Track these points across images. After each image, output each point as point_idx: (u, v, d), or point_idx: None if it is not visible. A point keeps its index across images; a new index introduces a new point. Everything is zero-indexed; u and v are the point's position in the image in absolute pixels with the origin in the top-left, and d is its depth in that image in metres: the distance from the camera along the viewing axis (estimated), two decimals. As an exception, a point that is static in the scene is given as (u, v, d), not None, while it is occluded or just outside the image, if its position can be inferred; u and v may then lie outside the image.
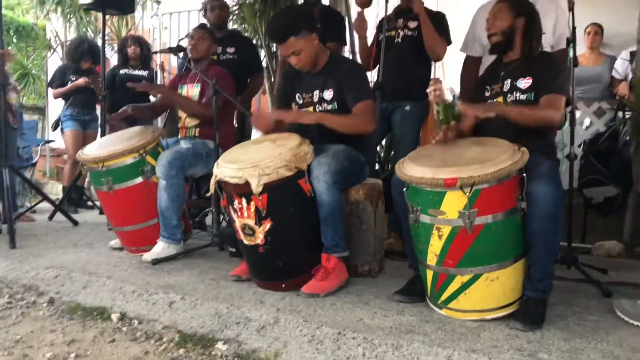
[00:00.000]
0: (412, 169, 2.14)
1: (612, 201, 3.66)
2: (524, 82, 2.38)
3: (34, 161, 5.86)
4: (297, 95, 2.87)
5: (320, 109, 2.77)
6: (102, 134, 4.37)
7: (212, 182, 2.55)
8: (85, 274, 2.84)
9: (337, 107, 2.73)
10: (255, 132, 4.47)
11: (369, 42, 3.60)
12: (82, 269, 2.92)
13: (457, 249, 2.08)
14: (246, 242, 2.53)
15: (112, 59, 6.24)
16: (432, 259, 2.16)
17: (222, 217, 3.21)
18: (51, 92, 5.41)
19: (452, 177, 1.99)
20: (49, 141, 6.64)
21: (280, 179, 2.40)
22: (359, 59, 3.80)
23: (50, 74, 5.84)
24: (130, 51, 5.03)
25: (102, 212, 4.14)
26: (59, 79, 5.24)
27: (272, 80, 4.93)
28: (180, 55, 3.64)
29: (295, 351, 2.04)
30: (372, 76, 3.45)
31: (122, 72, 5.03)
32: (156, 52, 5.18)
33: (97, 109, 5.18)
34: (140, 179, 3.15)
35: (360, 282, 2.67)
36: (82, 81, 5.06)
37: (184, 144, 3.25)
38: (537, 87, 2.36)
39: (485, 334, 2.02)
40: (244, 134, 4.15)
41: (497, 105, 2.38)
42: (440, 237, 2.09)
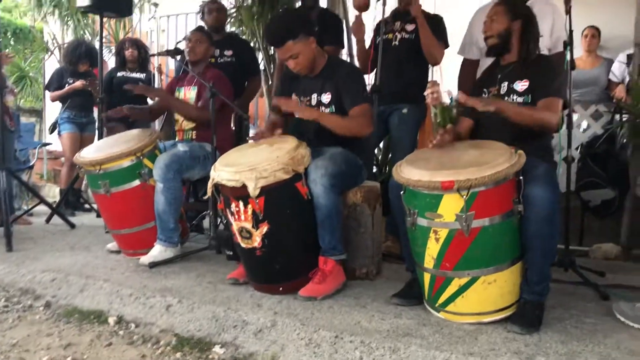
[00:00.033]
0: (410, 172, 2.14)
1: (610, 204, 3.67)
2: (521, 85, 2.39)
3: (31, 164, 5.84)
4: (295, 98, 2.86)
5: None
6: (100, 137, 4.36)
7: (210, 185, 2.55)
8: (82, 277, 2.83)
9: (335, 110, 2.73)
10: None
11: (367, 45, 3.61)
12: (79, 272, 2.91)
13: (455, 252, 2.08)
14: (243, 245, 2.53)
15: (109, 62, 6.24)
16: (429, 262, 2.16)
17: (219, 220, 3.20)
18: (48, 94, 5.40)
19: (449, 180, 1.99)
20: (46, 144, 6.63)
21: (277, 182, 2.40)
22: (356, 62, 3.80)
23: (47, 77, 5.85)
24: (127, 54, 5.03)
25: (99, 215, 4.13)
26: (57, 82, 5.23)
27: (269, 83, 4.93)
28: (177, 57, 3.64)
29: (292, 354, 2.04)
30: (370, 79, 3.45)
31: (119, 74, 5.03)
32: (154, 55, 5.18)
33: (95, 112, 5.18)
34: (137, 182, 3.14)
35: (357, 285, 2.67)
36: (79, 84, 5.06)
37: (181, 147, 3.24)
38: (534, 89, 2.36)
39: (482, 337, 2.02)
40: (241, 137, 4.14)
41: (497, 100, 2.37)
42: (437, 240, 2.09)
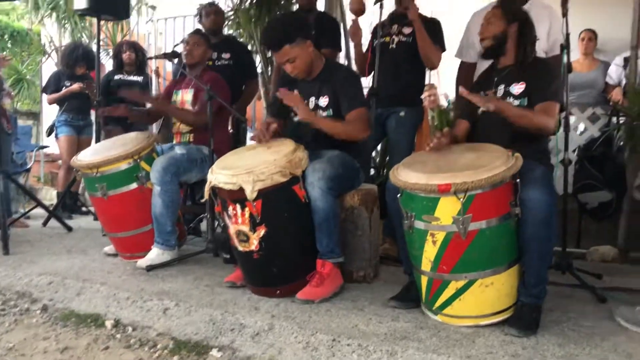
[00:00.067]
0: (406, 175, 2.14)
1: (607, 206, 3.67)
2: (517, 88, 2.39)
3: (28, 167, 5.83)
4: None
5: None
6: (97, 140, 4.36)
7: (207, 188, 2.54)
8: (79, 280, 2.83)
9: (332, 113, 2.73)
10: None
11: (364, 48, 3.61)
12: (76, 276, 2.91)
13: (452, 254, 2.08)
14: (240, 248, 2.53)
15: (107, 65, 6.23)
16: (426, 265, 2.16)
17: (216, 223, 3.20)
18: (46, 97, 5.39)
19: (445, 182, 2.00)
20: (44, 147, 6.61)
21: (274, 185, 2.40)
22: (354, 65, 3.81)
23: (44, 80, 5.84)
24: (125, 57, 5.03)
25: (96, 218, 4.12)
26: (54, 85, 5.23)
27: (267, 86, 4.93)
28: (175, 60, 3.64)
29: (289, 358, 2.04)
30: (368, 82, 3.45)
31: (117, 77, 5.02)
32: (151, 58, 5.17)
33: (92, 115, 5.17)
34: (134, 185, 3.14)
35: (355, 288, 2.67)
36: (76, 86, 5.05)
37: (179, 150, 3.24)
38: (530, 92, 2.36)
39: (480, 340, 2.02)
40: (239, 140, 4.15)
41: (497, 99, 2.36)
42: (434, 243, 2.10)
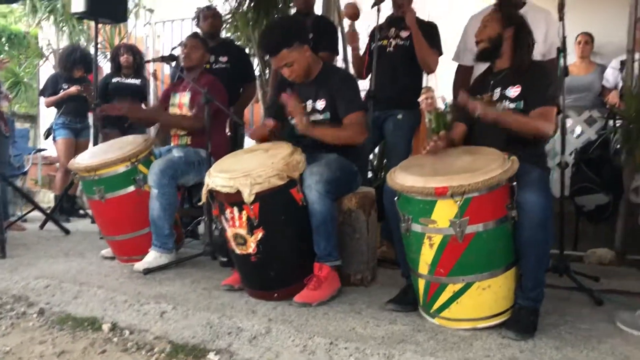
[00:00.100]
0: (403, 178, 2.14)
1: (604, 209, 3.68)
2: (513, 91, 2.39)
3: (26, 170, 5.83)
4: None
5: (312, 119, 2.77)
6: (95, 143, 4.36)
7: (204, 191, 2.54)
8: (76, 283, 2.82)
9: (329, 117, 2.74)
10: (247, 142, 4.48)
11: (362, 51, 3.62)
12: (73, 279, 2.90)
13: (449, 257, 2.08)
14: (238, 251, 2.53)
15: (104, 68, 6.23)
16: (423, 268, 2.16)
17: (214, 226, 3.20)
18: (43, 100, 5.39)
19: (442, 185, 2.00)
20: (41, 149, 6.61)
21: (272, 188, 2.40)
22: (351, 69, 3.82)
23: (42, 82, 5.82)
24: (122, 60, 5.03)
25: (93, 221, 4.12)
26: (51, 88, 5.22)
27: (265, 89, 4.94)
28: (172, 64, 3.64)
29: (287, 361, 2.04)
30: (365, 85, 3.46)
31: (114, 80, 5.03)
32: (149, 61, 5.16)
33: (90, 118, 5.17)
34: (132, 188, 3.14)
35: (352, 291, 2.66)
36: (74, 89, 5.05)
37: (176, 153, 3.24)
38: (526, 95, 2.36)
39: (477, 343, 2.02)
40: (236, 143, 4.15)
41: (495, 110, 2.35)
42: (431, 246, 2.10)
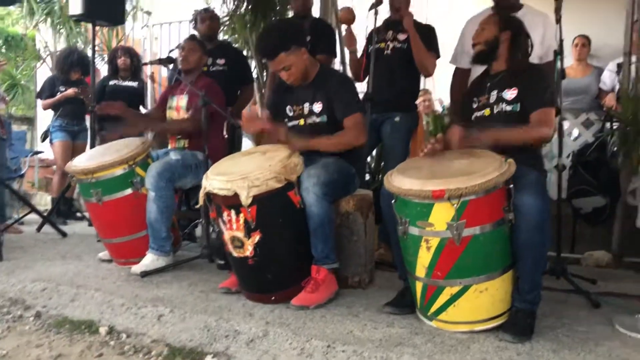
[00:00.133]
0: (401, 181, 2.14)
1: (601, 211, 3.69)
2: (510, 93, 2.40)
3: (23, 172, 5.81)
4: (288, 107, 2.86)
5: (310, 122, 2.78)
6: (92, 145, 4.35)
7: (202, 194, 2.54)
8: (73, 286, 2.81)
9: (326, 120, 2.74)
10: (245, 144, 4.49)
11: (359, 53, 3.63)
12: (70, 282, 2.89)
13: (446, 260, 2.09)
14: (235, 254, 2.52)
15: (102, 70, 6.23)
16: (421, 271, 2.16)
17: (211, 228, 3.19)
18: (40, 102, 5.38)
19: (439, 188, 2.00)
20: (38, 152, 6.60)
21: (269, 190, 2.40)
22: (349, 71, 3.82)
23: (39, 85, 5.83)
24: (120, 62, 5.02)
25: (91, 224, 4.11)
26: (48, 90, 5.21)
27: (262, 91, 4.94)
28: (170, 66, 3.64)
29: (284, 364, 2.03)
30: (362, 87, 3.47)
31: (112, 83, 5.02)
32: (146, 63, 5.18)
33: (87, 120, 5.16)
34: (129, 191, 3.14)
35: (350, 293, 2.66)
36: (71, 92, 5.04)
37: (174, 156, 3.24)
38: (523, 98, 2.37)
39: (474, 345, 2.02)
40: (234, 146, 4.14)
41: (491, 132, 2.31)
42: (428, 248, 2.10)
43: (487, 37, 2.47)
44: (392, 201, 2.21)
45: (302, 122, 2.81)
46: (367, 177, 3.88)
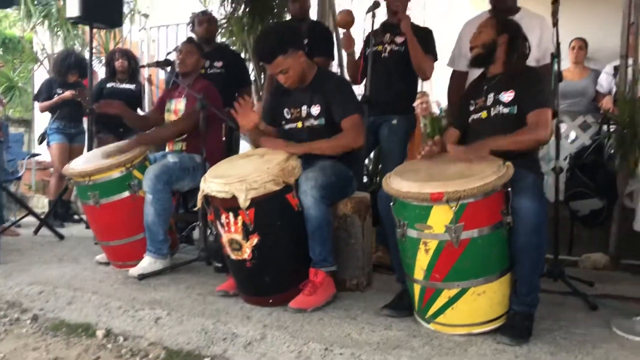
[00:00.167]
0: (399, 184, 2.15)
1: (598, 214, 3.69)
2: (507, 96, 2.40)
3: (20, 174, 5.80)
4: (285, 110, 2.87)
5: (307, 125, 2.78)
6: (89, 148, 4.34)
7: (199, 196, 2.54)
8: (70, 289, 2.81)
9: (324, 122, 2.74)
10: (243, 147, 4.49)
11: (357, 56, 3.63)
12: (67, 285, 2.89)
13: (444, 263, 2.09)
14: (233, 257, 2.52)
15: (99, 72, 6.22)
16: (419, 274, 2.16)
17: (209, 231, 3.19)
18: (37, 105, 5.37)
19: (438, 191, 2.00)
20: (35, 154, 6.59)
21: (267, 193, 2.40)
22: (346, 74, 3.83)
23: (36, 87, 5.82)
24: (117, 64, 5.03)
25: (88, 227, 4.10)
26: (46, 92, 5.21)
27: (260, 93, 4.94)
28: (167, 69, 3.64)
29: (282, 367, 2.03)
30: (360, 89, 3.47)
31: (109, 85, 5.02)
32: (144, 66, 5.17)
33: (84, 122, 5.16)
34: (127, 194, 3.14)
35: (348, 296, 2.66)
36: (68, 94, 5.04)
37: (171, 158, 3.23)
38: (520, 100, 2.37)
39: (472, 348, 2.02)
40: (231, 148, 4.15)
41: (488, 141, 2.29)
42: (427, 251, 2.10)
43: (485, 40, 2.47)
44: (391, 204, 2.21)
45: (299, 125, 2.81)
46: (365, 179, 3.88)
